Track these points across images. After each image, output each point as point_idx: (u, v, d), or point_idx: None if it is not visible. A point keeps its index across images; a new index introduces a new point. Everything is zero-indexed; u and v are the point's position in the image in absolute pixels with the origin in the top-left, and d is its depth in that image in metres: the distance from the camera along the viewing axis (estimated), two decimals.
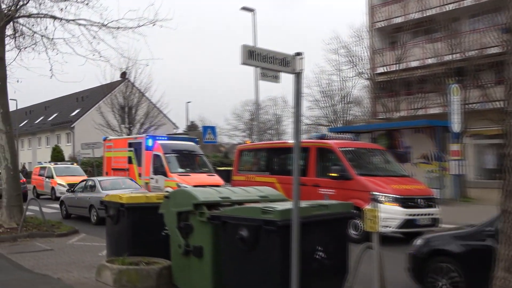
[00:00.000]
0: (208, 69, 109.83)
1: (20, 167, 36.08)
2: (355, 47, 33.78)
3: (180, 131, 57.03)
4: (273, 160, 16.30)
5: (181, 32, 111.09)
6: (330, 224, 6.29)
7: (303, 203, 6.05)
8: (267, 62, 5.31)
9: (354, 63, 33.95)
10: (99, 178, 19.24)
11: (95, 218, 16.44)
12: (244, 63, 5.12)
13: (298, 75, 5.57)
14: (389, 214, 11.51)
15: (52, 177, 27.10)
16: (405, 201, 12.05)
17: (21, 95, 77.54)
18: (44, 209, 16.12)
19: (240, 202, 7.05)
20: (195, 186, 16.97)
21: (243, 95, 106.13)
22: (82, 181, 18.99)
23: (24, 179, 33.32)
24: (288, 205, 6.06)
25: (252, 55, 5.18)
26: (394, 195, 12.05)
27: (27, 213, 14.96)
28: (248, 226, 5.89)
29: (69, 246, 12.04)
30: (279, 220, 5.61)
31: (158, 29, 22.51)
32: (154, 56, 58.35)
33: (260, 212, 5.85)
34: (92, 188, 17.49)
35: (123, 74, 36.26)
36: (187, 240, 6.87)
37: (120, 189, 17.05)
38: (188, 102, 57.07)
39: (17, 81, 25.00)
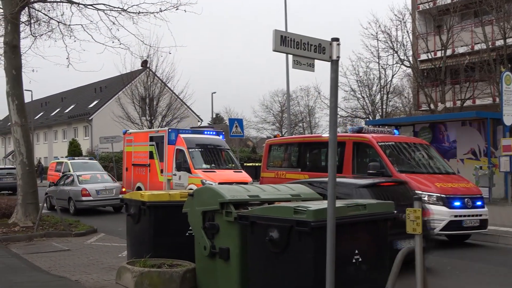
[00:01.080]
0: (234, 57, 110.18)
1: (35, 162, 36.87)
2: (396, 32, 33.55)
3: (204, 124, 57.36)
4: (305, 155, 16.28)
5: (206, 17, 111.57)
6: (368, 225, 6.25)
7: (339, 203, 6.02)
8: (301, 49, 5.29)
9: (395, 49, 33.57)
10: (78, 173, 22.20)
11: (73, 209, 19.65)
12: (276, 50, 5.11)
13: (334, 63, 5.54)
14: (432, 215, 11.39)
15: None
16: (451, 201, 11.90)
17: (36, 86, 79.07)
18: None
19: (270, 201, 7.05)
20: (220, 183, 17.06)
21: (272, 85, 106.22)
22: (63, 175, 22.31)
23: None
24: (322, 204, 6.03)
25: (284, 41, 5.17)
26: (438, 194, 11.91)
27: (43, 211, 15.27)
28: (278, 227, 5.89)
29: (87, 247, 12.26)
30: (312, 220, 5.59)
31: (181, 14, 22.65)
32: (177, 44, 58.78)
33: (291, 211, 5.84)
34: (71, 182, 20.74)
35: (144, 63, 36.59)
36: (213, 241, 6.91)
37: (96, 183, 20.67)
38: (213, 93, 56.91)
39: (33, 70, 25.61)
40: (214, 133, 22.20)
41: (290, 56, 5.33)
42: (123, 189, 20.79)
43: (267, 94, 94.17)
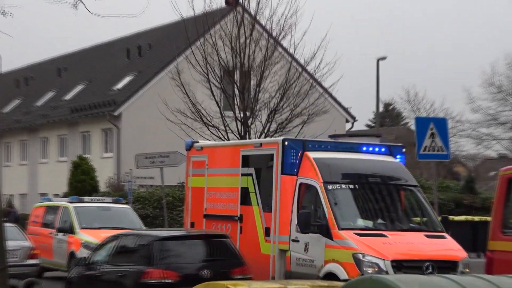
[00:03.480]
0: None
1: (3, 204, 38.46)
2: None
3: (360, 127, 57.52)
4: None
5: None
6: None
7: None
8: None
9: None
10: None
11: None
12: None
13: None
14: None
15: (72, 231, 28.34)
16: None
17: (9, 46, 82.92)
18: None
19: None
20: (398, 262, 17.04)
21: (503, 40, 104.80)
22: None
23: None
24: None
25: None
26: None
27: None
28: None
29: None
30: None
31: None
32: None
33: None
34: None
35: None
36: None
37: None
38: (381, 59, 56.92)
39: (3, 13, 26.79)
40: (383, 149, 22.11)
41: None
42: (35, 252, 24.56)
43: (497, 61, 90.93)
